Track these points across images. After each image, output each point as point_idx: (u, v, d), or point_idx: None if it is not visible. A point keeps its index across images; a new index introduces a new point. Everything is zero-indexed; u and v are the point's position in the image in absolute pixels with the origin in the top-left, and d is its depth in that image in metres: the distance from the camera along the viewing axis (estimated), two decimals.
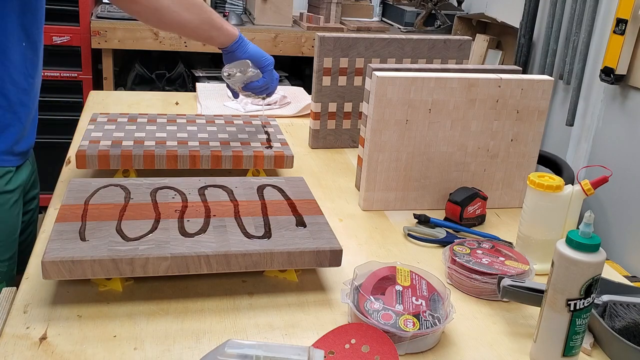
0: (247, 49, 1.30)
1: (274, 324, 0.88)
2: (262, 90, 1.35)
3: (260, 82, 1.33)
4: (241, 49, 1.29)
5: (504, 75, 1.25)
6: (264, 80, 1.33)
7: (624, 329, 0.88)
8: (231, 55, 1.30)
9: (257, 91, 1.34)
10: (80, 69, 2.70)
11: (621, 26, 1.95)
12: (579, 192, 1.05)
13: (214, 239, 0.94)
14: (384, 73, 1.18)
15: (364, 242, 1.14)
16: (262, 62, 1.32)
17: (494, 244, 1.08)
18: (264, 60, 1.32)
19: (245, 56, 1.30)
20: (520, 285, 0.90)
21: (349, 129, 1.58)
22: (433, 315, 0.85)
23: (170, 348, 0.82)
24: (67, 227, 0.93)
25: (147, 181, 1.12)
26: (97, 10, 2.75)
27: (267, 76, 1.33)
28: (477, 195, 1.22)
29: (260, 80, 1.33)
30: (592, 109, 2.23)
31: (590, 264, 0.78)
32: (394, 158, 1.23)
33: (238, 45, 1.29)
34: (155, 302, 0.91)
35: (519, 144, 1.30)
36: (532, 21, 2.52)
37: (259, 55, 1.32)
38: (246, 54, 1.30)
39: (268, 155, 1.30)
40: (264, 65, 1.32)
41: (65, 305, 0.88)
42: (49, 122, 2.70)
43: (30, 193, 1.33)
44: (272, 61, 1.34)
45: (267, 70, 1.33)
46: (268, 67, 1.33)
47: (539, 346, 0.84)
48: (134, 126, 1.39)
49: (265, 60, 1.33)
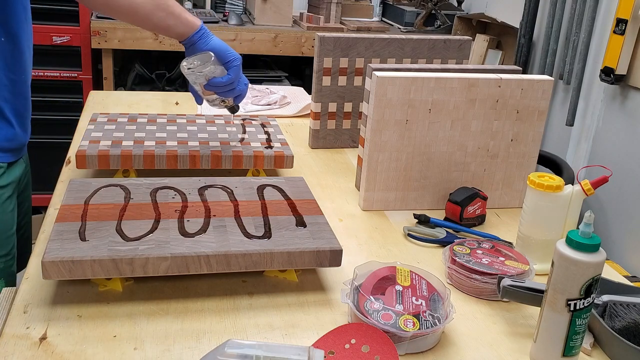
0: (210, 41, 1.20)
1: (274, 324, 0.88)
2: (228, 91, 1.23)
3: (224, 79, 1.20)
4: (203, 41, 1.19)
5: (504, 75, 1.25)
6: (228, 78, 1.20)
7: (624, 329, 0.88)
8: (192, 48, 1.20)
9: (221, 90, 1.22)
10: (80, 69, 2.70)
11: (621, 26, 1.95)
12: (579, 192, 1.05)
13: (214, 239, 0.94)
14: (384, 73, 1.18)
15: (364, 242, 1.14)
16: (226, 57, 1.20)
17: (494, 244, 1.08)
18: (229, 55, 1.20)
19: (207, 48, 1.19)
20: (520, 285, 0.90)
21: (349, 129, 1.58)
22: (433, 315, 0.85)
23: (170, 348, 0.82)
24: (67, 227, 0.93)
25: (147, 181, 1.12)
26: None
27: (232, 73, 1.20)
28: (477, 195, 1.22)
29: (225, 77, 1.20)
30: (592, 109, 2.23)
31: (590, 264, 0.78)
32: (394, 158, 1.23)
33: (200, 37, 1.19)
34: (155, 302, 0.91)
35: (519, 144, 1.30)
36: (532, 21, 2.52)
37: (224, 49, 1.21)
38: (208, 46, 1.19)
39: (268, 155, 1.30)
40: (229, 61, 1.20)
41: (65, 305, 0.88)
42: (49, 122, 2.71)
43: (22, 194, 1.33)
44: (238, 58, 1.21)
45: (232, 66, 1.20)
46: (233, 63, 1.20)
47: (539, 346, 0.84)
48: (134, 126, 1.39)
49: (231, 56, 1.20)
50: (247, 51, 2.78)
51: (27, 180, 1.37)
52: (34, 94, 1.31)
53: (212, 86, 1.21)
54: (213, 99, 1.26)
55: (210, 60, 1.18)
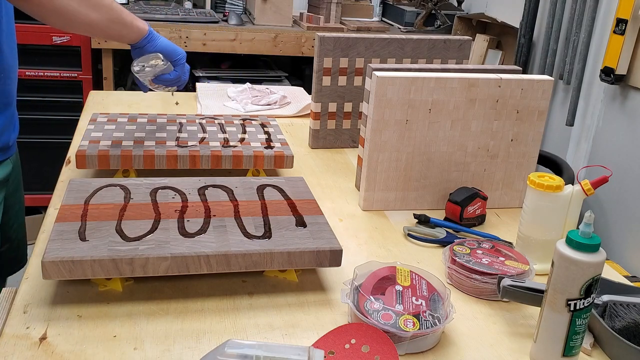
0: (157, 43, 1.26)
1: (274, 324, 0.88)
2: (174, 83, 1.32)
3: (171, 76, 1.29)
4: (151, 44, 1.25)
5: (504, 75, 1.25)
6: (175, 74, 1.29)
7: (624, 329, 0.88)
8: (140, 51, 1.26)
9: (168, 84, 1.31)
10: (80, 69, 2.70)
11: (621, 26, 1.95)
12: (579, 192, 1.05)
13: (214, 239, 0.94)
14: (384, 73, 1.18)
15: (364, 242, 1.14)
16: (174, 56, 1.28)
17: (494, 244, 1.08)
18: (175, 54, 1.28)
19: (155, 50, 1.26)
20: (520, 285, 0.90)
21: (349, 129, 1.58)
22: (433, 315, 0.85)
23: (170, 348, 0.82)
24: (67, 227, 0.93)
25: (147, 181, 1.12)
26: None
27: (179, 70, 1.29)
28: (477, 195, 1.22)
29: (172, 74, 1.29)
30: (592, 109, 2.23)
31: (590, 264, 0.78)
32: (394, 158, 1.23)
33: (148, 40, 1.25)
34: (155, 302, 0.91)
35: (519, 144, 1.30)
36: (532, 21, 2.52)
37: (171, 49, 1.28)
38: (156, 47, 1.26)
39: (268, 155, 1.30)
40: (176, 59, 1.28)
41: (65, 305, 0.88)
42: (49, 122, 2.71)
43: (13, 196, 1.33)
44: (184, 55, 1.30)
45: (179, 64, 1.29)
46: (180, 61, 1.29)
47: (539, 346, 0.84)
48: (134, 126, 1.39)
49: (178, 54, 1.29)
50: (247, 51, 2.78)
51: (18, 182, 1.37)
52: (34, 94, 1.31)
53: (160, 81, 1.29)
54: (158, 88, 1.34)
55: (159, 61, 1.26)
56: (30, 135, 2.65)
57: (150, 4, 2.98)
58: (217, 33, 2.70)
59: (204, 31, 2.68)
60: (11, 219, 1.35)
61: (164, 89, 1.34)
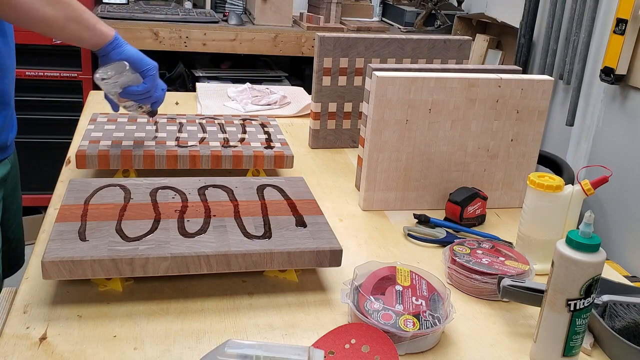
0: (123, 51, 1.18)
1: (274, 324, 0.88)
2: (144, 98, 1.23)
3: (140, 88, 1.20)
4: (117, 51, 1.18)
5: (504, 75, 1.25)
6: (144, 87, 1.20)
7: (624, 329, 0.88)
8: (106, 58, 1.18)
9: (137, 98, 1.22)
10: (80, 69, 2.70)
11: (621, 26, 1.95)
12: (579, 192, 1.05)
13: (214, 239, 0.94)
14: (384, 73, 1.18)
15: (364, 242, 1.14)
16: (142, 66, 1.19)
17: (494, 244, 1.08)
18: (144, 64, 1.20)
19: (121, 58, 1.18)
20: (520, 285, 0.90)
21: (349, 129, 1.58)
22: (433, 315, 0.85)
23: (170, 348, 0.82)
24: (67, 227, 0.93)
25: (147, 181, 1.12)
26: (97, 10, 2.75)
27: (148, 82, 1.20)
28: (477, 195, 1.22)
29: (140, 86, 1.20)
30: (592, 109, 2.23)
31: (590, 264, 0.78)
32: (394, 158, 1.23)
33: (113, 47, 1.18)
34: (155, 302, 0.91)
35: (519, 144, 1.30)
36: (532, 21, 2.52)
37: (139, 58, 1.20)
38: (122, 55, 1.18)
39: (268, 155, 1.30)
40: (144, 70, 1.20)
41: (65, 305, 0.88)
42: (49, 122, 2.71)
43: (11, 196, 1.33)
44: (154, 66, 1.21)
45: (148, 75, 1.20)
46: (149, 72, 1.20)
47: (539, 346, 0.84)
48: (134, 126, 1.39)
49: (146, 65, 1.20)
50: (247, 51, 2.78)
51: (16, 182, 1.37)
52: (34, 94, 1.31)
53: (127, 94, 1.20)
54: (129, 106, 1.25)
55: (124, 70, 1.18)
56: (30, 135, 2.65)
57: (150, 4, 2.98)
58: (217, 33, 2.70)
59: (204, 31, 2.68)
60: (9, 219, 1.35)
61: (137, 108, 1.26)
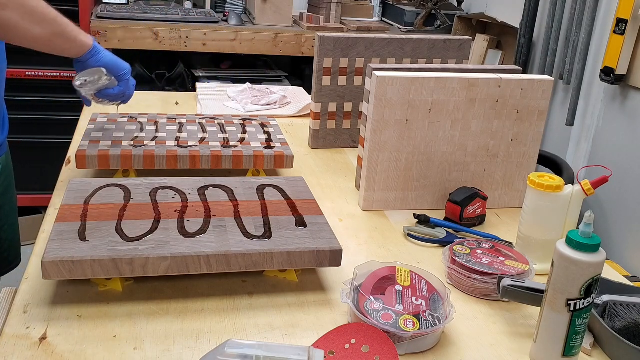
0: (101, 58, 1.24)
1: (274, 324, 0.88)
2: (117, 98, 1.30)
3: (115, 91, 1.27)
4: (94, 58, 1.23)
5: (504, 75, 1.25)
6: (119, 89, 1.27)
7: (624, 329, 0.88)
8: (83, 65, 1.24)
9: (112, 99, 1.29)
10: None
11: (621, 26, 1.95)
12: (579, 192, 1.05)
13: (214, 239, 0.94)
14: (384, 73, 1.18)
15: (364, 242, 1.14)
16: (118, 71, 1.26)
17: (494, 244, 1.08)
18: (119, 68, 1.26)
19: (99, 65, 1.24)
20: (520, 285, 0.90)
21: (349, 129, 1.58)
22: (433, 315, 0.85)
23: (170, 348, 0.82)
24: (67, 227, 0.93)
25: (147, 181, 1.12)
26: (97, 10, 2.75)
27: (122, 85, 1.28)
28: (477, 195, 1.22)
29: (116, 89, 1.27)
30: (592, 109, 2.23)
31: (590, 264, 0.78)
32: (394, 158, 1.23)
33: (92, 55, 1.22)
34: (155, 302, 0.91)
35: (519, 144, 1.30)
36: (532, 21, 2.52)
37: (115, 64, 1.26)
38: (99, 62, 1.23)
39: (268, 155, 1.30)
40: (120, 74, 1.27)
41: (65, 305, 0.88)
42: (49, 122, 2.71)
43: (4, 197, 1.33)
44: (129, 69, 1.28)
45: (123, 79, 1.27)
46: (125, 77, 1.28)
47: (539, 346, 0.84)
48: (134, 126, 1.39)
49: (122, 70, 1.27)
50: (247, 51, 2.78)
51: (9, 183, 1.36)
52: (34, 94, 1.31)
53: (103, 96, 1.28)
54: (102, 102, 1.31)
55: (102, 76, 1.24)
56: (30, 135, 2.65)
57: (150, 4, 2.98)
58: (217, 33, 2.70)
59: (204, 31, 2.68)
60: (2, 219, 1.35)
61: (108, 103, 1.31)
